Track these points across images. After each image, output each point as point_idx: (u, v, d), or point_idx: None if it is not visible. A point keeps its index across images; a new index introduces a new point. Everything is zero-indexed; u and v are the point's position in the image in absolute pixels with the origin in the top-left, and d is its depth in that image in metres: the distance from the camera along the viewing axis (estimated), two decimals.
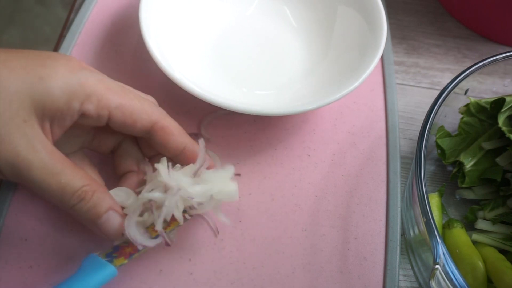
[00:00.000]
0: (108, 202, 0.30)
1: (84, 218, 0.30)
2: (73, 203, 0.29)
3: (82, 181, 0.29)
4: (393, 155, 0.41)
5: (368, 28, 0.41)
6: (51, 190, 0.28)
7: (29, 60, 0.29)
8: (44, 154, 0.28)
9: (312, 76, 0.43)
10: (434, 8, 0.54)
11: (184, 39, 0.42)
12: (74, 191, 0.28)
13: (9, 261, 0.33)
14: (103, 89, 0.30)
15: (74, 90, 0.29)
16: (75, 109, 0.29)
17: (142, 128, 0.32)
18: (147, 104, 0.32)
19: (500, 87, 0.43)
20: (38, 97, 0.28)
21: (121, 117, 0.31)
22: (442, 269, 0.28)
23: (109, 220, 0.30)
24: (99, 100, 0.30)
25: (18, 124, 0.27)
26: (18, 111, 0.27)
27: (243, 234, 0.36)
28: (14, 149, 0.27)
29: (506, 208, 0.37)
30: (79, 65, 0.30)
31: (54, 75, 0.28)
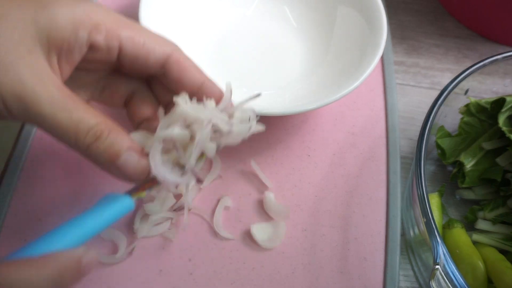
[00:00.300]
0: (126, 140, 0.27)
1: (102, 160, 0.26)
2: (88, 141, 0.26)
3: (97, 118, 0.26)
4: (393, 155, 0.41)
5: (368, 28, 0.41)
6: (64, 127, 0.25)
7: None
8: (53, 88, 0.25)
9: (312, 76, 0.43)
10: (434, 8, 0.54)
11: (184, 39, 0.42)
12: (89, 128, 0.25)
13: None
14: (111, 20, 0.27)
15: (81, 19, 0.26)
16: (83, 39, 0.26)
17: (156, 61, 0.29)
18: (160, 36, 0.29)
19: (500, 87, 0.43)
20: (42, 25, 0.25)
21: (133, 48, 0.28)
22: (442, 269, 0.28)
23: (129, 159, 0.26)
24: (108, 30, 0.27)
25: (22, 54, 0.25)
26: (22, 39, 0.25)
27: (243, 234, 0.36)
28: (20, 80, 0.24)
29: (506, 208, 0.37)
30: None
31: (58, 4, 0.26)
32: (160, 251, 0.35)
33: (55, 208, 0.35)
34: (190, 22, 0.44)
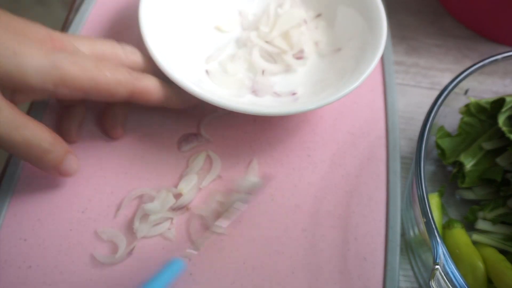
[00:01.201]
0: (65, 147, 0.32)
1: (49, 166, 0.32)
2: (39, 154, 0.30)
3: (45, 133, 0.30)
4: (393, 155, 0.41)
5: (368, 28, 0.41)
6: (18, 144, 0.29)
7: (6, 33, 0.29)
8: (7, 111, 0.28)
9: (312, 75, 0.43)
10: (434, 8, 0.54)
11: (184, 39, 0.42)
12: (39, 142, 0.30)
13: (8, 261, 0.33)
14: (77, 71, 0.30)
15: (48, 72, 0.29)
16: (48, 89, 0.30)
17: (121, 99, 0.33)
18: (122, 74, 0.33)
19: (500, 87, 0.43)
20: (8, 69, 0.28)
21: (97, 94, 0.32)
22: (442, 269, 0.28)
23: (69, 163, 0.33)
24: (73, 83, 0.30)
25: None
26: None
27: (243, 234, 0.36)
28: None
29: (507, 208, 0.37)
30: (54, 47, 0.31)
31: (29, 54, 0.28)
32: (160, 251, 0.35)
33: (54, 208, 0.35)
34: (190, 22, 0.44)
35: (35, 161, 0.31)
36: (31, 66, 0.28)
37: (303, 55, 0.43)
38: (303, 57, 0.43)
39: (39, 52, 0.29)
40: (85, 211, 0.35)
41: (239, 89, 0.41)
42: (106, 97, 0.32)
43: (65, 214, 0.35)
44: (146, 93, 0.34)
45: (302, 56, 0.43)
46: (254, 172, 0.38)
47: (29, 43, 0.29)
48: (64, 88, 0.30)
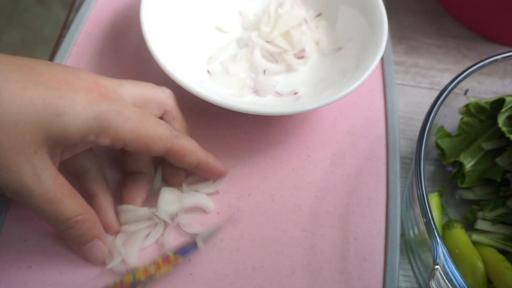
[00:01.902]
0: (95, 231, 0.32)
1: (71, 242, 0.33)
2: (63, 228, 0.31)
3: (77, 210, 0.30)
4: (393, 155, 0.41)
5: (369, 27, 0.41)
6: (46, 216, 0.30)
7: (49, 89, 0.29)
8: (48, 184, 0.29)
9: (314, 75, 0.43)
10: (434, 8, 0.54)
11: (186, 39, 0.42)
12: (66, 219, 0.30)
13: (9, 261, 0.33)
14: (120, 122, 0.30)
15: (91, 126, 0.29)
16: (90, 141, 0.30)
17: (158, 154, 0.33)
18: (162, 130, 0.33)
19: (500, 87, 0.43)
20: (53, 133, 0.28)
21: (137, 147, 0.32)
22: (442, 269, 0.28)
23: (92, 247, 0.32)
24: (116, 133, 0.30)
25: (28, 156, 0.28)
26: (31, 144, 0.28)
27: (243, 234, 0.36)
28: (19, 179, 0.28)
29: (506, 208, 0.37)
30: (100, 95, 0.30)
31: (72, 112, 0.29)
32: (159, 251, 0.35)
33: None
34: (191, 22, 0.44)
35: (60, 232, 0.32)
36: (74, 124, 0.29)
37: (304, 55, 0.43)
38: (304, 56, 0.43)
39: (83, 104, 0.29)
40: None
41: (241, 89, 0.41)
42: (145, 150, 0.32)
43: None
44: (182, 152, 0.34)
45: (303, 56, 0.43)
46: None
47: (72, 95, 0.29)
48: (105, 138, 0.30)
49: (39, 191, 0.28)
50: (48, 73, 0.30)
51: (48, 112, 0.28)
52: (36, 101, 0.28)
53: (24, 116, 0.27)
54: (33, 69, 0.29)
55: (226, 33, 0.45)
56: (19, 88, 0.28)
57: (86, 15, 0.46)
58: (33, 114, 0.28)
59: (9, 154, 0.27)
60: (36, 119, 0.28)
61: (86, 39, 0.45)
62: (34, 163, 0.28)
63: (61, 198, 0.29)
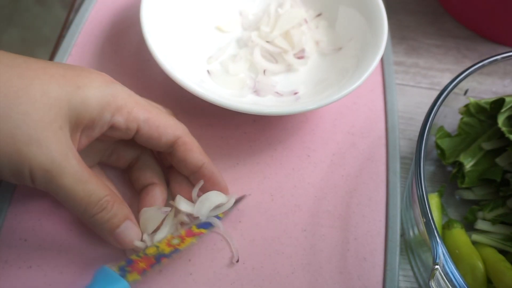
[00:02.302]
0: (125, 212, 0.31)
1: (102, 228, 0.31)
2: (95, 212, 0.30)
3: (105, 190, 0.30)
4: (393, 156, 0.41)
5: (369, 27, 0.41)
6: (78, 198, 0.29)
7: (67, 69, 0.30)
8: (75, 162, 0.29)
9: (314, 75, 0.43)
10: (434, 8, 0.54)
11: (185, 39, 0.42)
12: (99, 199, 0.29)
13: (9, 261, 0.33)
14: (133, 103, 0.31)
15: (108, 101, 0.30)
16: (106, 119, 0.30)
17: (167, 142, 0.33)
18: (172, 120, 0.33)
19: (500, 87, 0.43)
20: (74, 105, 0.29)
21: (148, 130, 0.32)
22: (441, 269, 0.28)
23: (125, 230, 0.31)
24: (129, 112, 0.31)
25: (55, 130, 0.28)
26: (56, 117, 0.28)
27: (243, 234, 0.36)
28: (50, 154, 0.27)
29: (506, 208, 0.37)
30: (111, 79, 0.32)
31: (90, 85, 0.30)
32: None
33: (54, 208, 0.35)
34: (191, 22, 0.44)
35: (91, 220, 0.30)
36: (93, 96, 0.29)
37: (304, 55, 0.43)
38: (304, 56, 0.43)
39: (99, 82, 0.30)
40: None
41: (241, 89, 0.41)
42: (155, 136, 0.32)
43: (66, 214, 0.35)
44: (189, 146, 0.33)
45: (303, 56, 0.43)
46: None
47: (88, 75, 0.30)
48: (120, 117, 0.31)
49: (70, 170, 0.28)
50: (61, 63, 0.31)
51: (69, 85, 0.29)
52: (57, 77, 0.29)
53: (48, 88, 0.28)
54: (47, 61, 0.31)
55: (226, 33, 0.45)
56: (40, 68, 0.29)
57: (86, 15, 0.46)
58: (56, 87, 0.28)
59: (38, 126, 0.27)
60: (59, 91, 0.28)
61: (86, 39, 0.45)
62: (61, 140, 0.28)
63: (90, 178, 0.29)
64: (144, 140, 0.33)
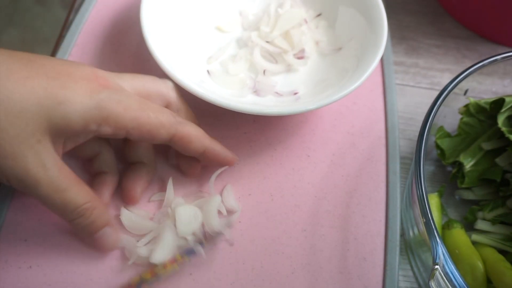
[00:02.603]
0: (105, 219, 0.32)
1: (81, 232, 0.32)
2: (73, 218, 0.31)
3: (85, 198, 0.31)
4: (393, 156, 0.41)
5: (369, 27, 0.41)
6: (55, 205, 0.30)
7: (50, 79, 0.29)
8: (53, 172, 0.29)
9: (313, 75, 0.43)
10: (434, 9, 0.54)
11: (185, 39, 0.42)
12: (76, 207, 0.30)
13: (9, 261, 0.33)
14: (121, 110, 0.31)
15: (92, 114, 0.30)
16: (91, 130, 0.30)
17: (162, 141, 0.33)
18: (165, 117, 0.33)
19: (500, 87, 0.43)
20: (55, 121, 0.29)
21: (139, 135, 0.32)
22: (441, 269, 0.28)
23: (103, 236, 0.32)
24: (117, 121, 0.30)
25: (32, 144, 0.28)
26: (34, 133, 0.28)
27: (243, 234, 0.36)
28: (25, 166, 0.28)
29: (506, 208, 0.37)
30: (99, 85, 0.31)
31: (73, 99, 0.29)
32: None
33: None
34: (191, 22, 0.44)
35: (70, 223, 0.31)
36: (75, 112, 0.29)
37: (304, 55, 0.43)
38: (304, 56, 0.43)
39: (83, 93, 0.30)
40: None
41: (240, 89, 0.41)
42: (147, 138, 0.32)
43: None
44: (186, 139, 0.33)
45: (303, 56, 0.43)
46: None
47: (72, 85, 0.30)
48: (107, 127, 0.30)
49: (46, 180, 0.29)
50: (48, 64, 0.30)
51: (50, 101, 0.28)
52: (38, 90, 0.28)
53: (27, 105, 0.28)
54: (34, 61, 0.30)
55: (226, 33, 0.45)
56: (21, 78, 0.28)
57: (86, 15, 0.46)
58: (36, 103, 0.28)
59: (14, 142, 0.28)
60: (38, 107, 0.28)
61: (86, 39, 0.45)
62: (39, 152, 0.28)
63: (68, 186, 0.30)
64: (137, 140, 0.33)
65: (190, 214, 0.35)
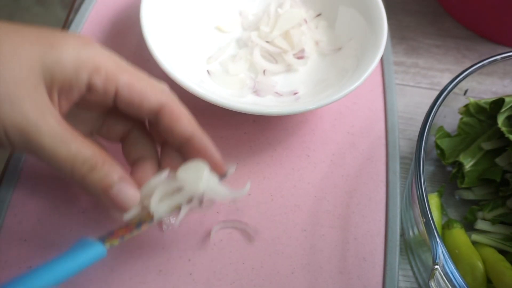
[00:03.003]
0: (119, 171, 0.29)
1: (95, 189, 0.28)
2: (84, 172, 0.28)
3: (93, 150, 0.28)
4: (393, 156, 0.41)
5: (369, 27, 0.41)
6: (62, 158, 0.27)
7: (42, 32, 0.28)
8: (54, 122, 0.27)
9: (313, 75, 0.43)
10: (434, 9, 0.54)
11: (185, 39, 0.42)
12: (85, 159, 0.27)
13: (9, 261, 0.33)
14: (112, 65, 0.29)
15: (84, 61, 0.28)
16: (83, 80, 0.28)
17: (149, 110, 0.30)
18: (158, 87, 0.31)
19: (500, 87, 0.43)
20: (48, 64, 0.27)
21: (128, 95, 0.29)
22: (441, 269, 0.28)
23: (121, 189, 0.28)
24: (107, 74, 0.29)
25: (28, 89, 0.26)
26: (29, 76, 0.27)
27: (243, 234, 0.36)
28: (24, 113, 0.26)
29: (506, 208, 0.37)
30: (91, 41, 0.30)
31: (65, 45, 0.28)
32: (160, 251, 0.35)
33: (54, 208, 0.35)
34: (191, 22, 0.44)
35: (82, 182, 0.28)
36: (67, 56, 0.28)
37: (304, 55, 0.43)
38: (304, 56, 0.43)
39: (76, 42, 0.29)
40: (85, 211, 0.35)
41: (240, 89, 0.41)
42: (136, 100, 0.30)
43: (65, 215, 0.35)
44: (176, 115, 0.31)
45: (303, 56, 0.43)
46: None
47: (66, 36, 0.29)
48: (97, 80, 0.29)
49: (48, 129, 0.26)
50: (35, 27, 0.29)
51: (42, 45, 0.27)
52: (30, 37, 0.28)
53: (20, 49, 0.27)
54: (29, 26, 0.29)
55: (226, 33, 0.45)
56: (12, 30, 0.28)
57: (86, 15, 0.46)
58: (28, 47, 0.27)
59: (9, 85, 0.26)
60: (31, 50, 0.27)
61: None
62: (36, 99, 0.27)
63: (72, 137, 0.27)
64: (125, 105, 0.30)
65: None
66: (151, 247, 0.35)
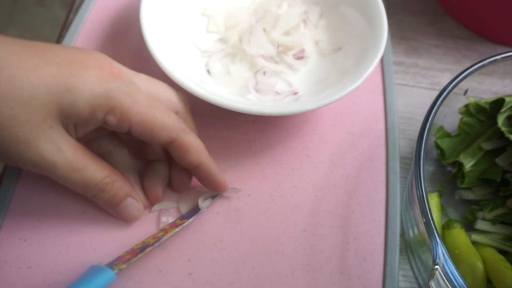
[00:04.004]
0: (126, 190, 0.34)
1: (105, 206, 0.34)
2: (95, 193, 0.32)
3: (104, 173, 0.32)
4: (393, 156, 0.41)
5: (369, 27, 0.41)
6: (75, 184, 0.31)
7: (60, 67, 0.30)
8: (69, 154, 0.30)
9: (313, 75, 0.43)
10: (434, 8, 0.54)
11: (185, 39, 0.42)
12: (96, 183, 0.32)
13: (8, 261, 0.33)
14: (128, 103, 0.31)
15: (99, 102, 0.30)
16: (98, 118, 0.31)
17: (161, 143, 0.33)
18: (170, 120, 0.33)
19: (500, 87, 0.43)
20: (64, 107, 0.29)
21: (141, 131, 0.32)
22: (441, 269, 0.28)
23: (127, 206, 0.34)
24: (122, 113, 0.31)
25: (44, 130, 0.29)
26: (45, 119, 0.29)
27: (243, 234, 0.36)
28: (40, 152, 0.29)
29: (506, 208, 0.37)
30: (111, 74, 0.31)
31: (82, 87, 0.30)
32: (159, 251, 0.35)
33: (54, 208, 0.35)
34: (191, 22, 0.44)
35: (92, 198, 0.33)
36: (83, 99, 0.30)
37: (304, 55, 0.43)
38: (304, 56, 0.43)
39: (93, 81, 0.30)
40: (85, 211, 0.35)
41: (240, 89, 0.41)
42: (148, 136, 0.32)
43: (65, 215, 0.35)
44: (185, 148, 0.33)
45: (303, 56, 0.43)
46: None
47: (83, 73, 0.30)
48: (112, 117, 0.31)
49: (62, 162, 0.30)
50: (62, 53, 0.31)
51: (59, 88, 0.29)
52: (48, 78, 0.29)
53: (36, 92, 0.28)
54: (48, 50, 0.30)
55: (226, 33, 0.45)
56: (31, 66, 0.29)
57: (86, 15, 0.46)
58: (45, 90, 0.29)
59: (26, 128, 0.28)
60: (48, 95, 0.29)
61: (86, 39, 0.45)
62: (51, 136, 0.29)
63: (86, 164, 0.31)
64: (138, 136, 0.33)
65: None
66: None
